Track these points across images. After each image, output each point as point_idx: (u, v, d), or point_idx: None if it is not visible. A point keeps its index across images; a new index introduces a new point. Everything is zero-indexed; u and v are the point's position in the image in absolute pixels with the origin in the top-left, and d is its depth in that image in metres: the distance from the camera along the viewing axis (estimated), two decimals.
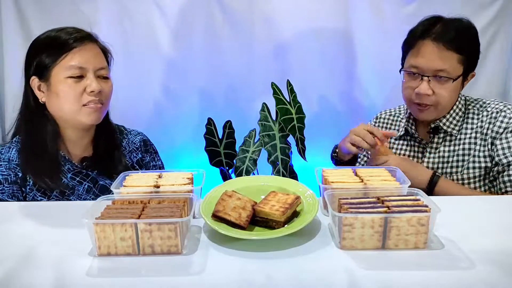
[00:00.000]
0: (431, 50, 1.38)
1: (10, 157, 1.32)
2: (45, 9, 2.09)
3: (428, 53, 1.38)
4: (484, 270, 0.83)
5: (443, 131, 1.49)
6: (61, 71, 1.27)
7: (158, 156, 1.55)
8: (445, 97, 1.41)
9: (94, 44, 1.33)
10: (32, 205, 1.23)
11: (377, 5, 2.10)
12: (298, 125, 1.94)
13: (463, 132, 1.47)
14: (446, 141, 1.49)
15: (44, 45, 1.30)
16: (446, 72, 1.38)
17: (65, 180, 1.34)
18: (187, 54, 2.17)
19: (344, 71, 2.21)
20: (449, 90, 1.41)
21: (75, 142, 1.38)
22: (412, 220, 0.89)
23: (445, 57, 1.37)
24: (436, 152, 1.50)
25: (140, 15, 2.12)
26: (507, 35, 2.14)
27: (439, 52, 1.37)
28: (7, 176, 1.30)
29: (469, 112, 1.49)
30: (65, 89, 1.27)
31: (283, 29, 2.14)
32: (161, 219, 0.88)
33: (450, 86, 1.40)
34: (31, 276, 0.84)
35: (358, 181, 1.06)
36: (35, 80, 1.30)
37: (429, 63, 1.38)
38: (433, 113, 1.45)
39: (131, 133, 1.51)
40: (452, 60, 1.38)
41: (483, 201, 1.24)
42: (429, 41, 1.39)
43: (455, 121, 1.48)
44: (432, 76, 1.39)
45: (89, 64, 1.29)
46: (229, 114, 2.14)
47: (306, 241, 0.94)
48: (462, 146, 1.46)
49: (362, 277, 0.82)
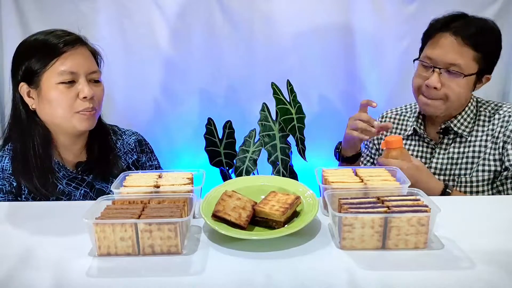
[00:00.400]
0: (448, 42, 1.37)
1: (3, 167, 1.30)
2: (45, 9, 2.09)
3: (445, 45, 1.37)
4: (484, 270, 0.83)
5: (454, 132, 1.47)
6: (52, 76, 1.23)
7: (154, 155, 1.53)
8: (454, 91, 1.39)
9: (84, 47, 1.30)
10: (32, 205, 1.22)
11: (377, 5, 2.10)
12: (298, 125, 1.94)
13: (474, 135, 1.46)
14: (456, 142, 1.47)
15: (33, 49, 1.26)
16: (458, 67, 1.36)
17: (60, 186, 1.32)
18: (187, 54, 2.17)
19: (344, 71, 2.21)
20: (459, 86, 1.38)
21: (68, 147, 1.35)
22: (412, 220, 0.88)
23: (461, 51, 1.36)
24: (445, 153, 1.48)
25: (140, 15, 2.12)
26: (507, 35, 2.13)
27: (455, 46, 1.36)
28: (2, 186, 1.28)
29: (480, 114, 1.47)
30: (57, 96, 1.24)
31: (283, 29, 2.14)
32: (161, 219, 0.88)
33: (461, 82, 1.38)
34: (31, 276, 0.84)
35: (358, 181, 1.06)
36: (24, 86, 1.26)
37: (443, 56, 1.37)
38: (440, 108, 1.43)
39: (125, 133, 1.49)
40: (467, 55, 1.36)
41: (483, 201, 1.24)
42: (448, 34, 1.38)
43: (466, 122, 1.46)
44: (444, 69, 1.37)
45: (81, 68, 1.26)
46: (229, 114, 2.13)
47: (306, 241, 0.94)
48: (473, 148, 1.45)
49: (362, 277, 0.82)
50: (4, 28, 2.10)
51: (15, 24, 2.10)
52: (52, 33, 1.27)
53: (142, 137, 1.51)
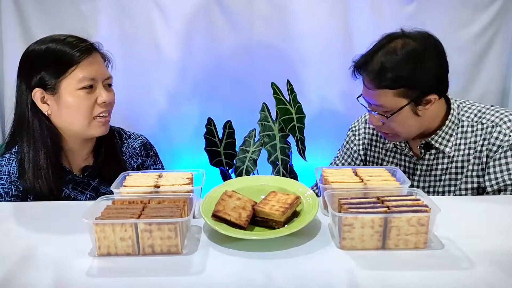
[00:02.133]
0: (365, 86, 1.32)
1: (10, 170, 1.29)
2: (45, 9, 2.09)
3: (364, 89, 1.33)
4: (484, 270, 0.83)
5: (435, 148, 1.38)
6: (71, 83, 1.23)
7: (159, 159, 1.52)
8: (397, 127, 1.32)
9: (98, 53, 1.30)
10: (32, 205, 1.23)
11: (376, 5, 2.10)
12: (298, 125, 1.95)
13: (457, 149, 1.36)
14: (439, 158, 1.38)
15: (48, 59, 1.25)
16: (382, 107, 1.29)
17: (66, 191, 1.32)
18: (187, 54, 2.17)
19: (344, 71, 2.20)
20: (397, 121, 1.30)
21: (76, 152, 1.35)
22: (412, 220, 0.88)
23: (377, 93, 1.28)
24: (428, 170, 1.40)
25: (140, 15, 2.12)
26: (506, 36, 2.14)
27: (370, 89, 1.29)
28: (8, 190, 1.28)
29: (463, 125, 1.35)
30: (77, 101, 1.24)
31: (283, 29, 2.14)
32: (161, 219, 0.88)
33: (395, 118, 1.29)
34: (31, 276, 0.84)
35: (358, 181, 1.06)
36: (39, 92, 1.25)
37: (368, 100, 1.33)
38: (399, 138, 1.37)
39: (130, 136, 1.48)
40: (385, 95, 1.27)
41: (483, 201, 1.24)
42: (365, 75, 1.31)
43: (447, 136, 1.35)
44: (374, 110, 1.33)
45: (98, 75, 1.27)
46: (229, 114, 2.14)
47: (306, 241, 0.94)
48: (455, 164, 1.36)
49: (362, 277, 0.82)
50: (4, 29, 2.11)
51: (15, 24, 2.10)
52: (64, 41, 1.26)
53: (147, 141, 1.51)
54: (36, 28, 2.10)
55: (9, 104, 2.16)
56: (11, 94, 2.13)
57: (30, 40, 2.10)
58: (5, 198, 1.27)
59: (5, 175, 1.29)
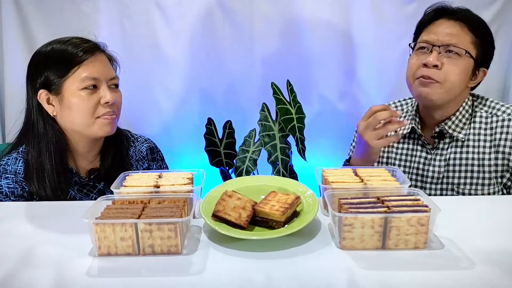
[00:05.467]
0: (447, 25, 1.34)
1: (16, 170, 1.29)
2: (45, 9, 2.09)
3: (444, 27, 1.34)
4: (484, 270, 0.83)
5: (449, 136, 1.41)
6: (74, 83, 1.24)
7: (165, 163, 1.52)
8: (454, 72, 1.32)
9: (102, 54, 1.31)
10: (32, 205, 1.22)
11: (377, 5, 2.10)
12: (298, 125, 1.94)
13: (471, 138, 1.39)
14: (453, 147, 1.41)
15: (52, 59, 1.26)
16: (457, 46, 1.32)
17: (72, 193, 1.32)
18: (187, 54, 2.17)
19: (344, 71, 2.21)
20: (458, 67, 1.32)
21: (83, 154, 1.35)
22: (412, 220, 0.89)
23: (460, 33, 1.33)
24: (441, 160, 1.42)
25: (140, 15, 2.12)
26: (507, 35, 2.14)
27: (454, 27, 1.33)
28: (14, 190, 1.28)
29: (476, 116, 1.41)
30: (79, 102, 1.24)
31: (283, 29, 2.14)
32: (161, 219, 0.88)
33: (460, 63, 1.32)
34: (31, 276, 0.84)
35: (358, 181, 1.06)
36: (44, 93, 1.26)
37: (442, 36, 1.33)
38: (437, 92, 1.34)
39: (137, 140, 1.48)
40: (466, 37, 1.33)
41: (483, 201, 1.24)
42: (446, 19, 1.35)
43: (461, 123, 1.40)
44: (443, 46, 1.33)
45: (101, 75, 1.27)
46: (229, 114, 2.14)
47: (306, 241, 0.94)
48: (472, 155, 1.39)
49: (362, 277, 0.82)
50: (4, 28, 2.10)
51: (15, 24, 2.10)
52: (68, 42, 1.27)
53: (154, 145, 1.51)
54: (36, 28, 2.10)
55: (9, 104, 2.15)
56: (11, 94, 2.15)
57: (30, 40, 2.12)
58: (10, 197, 1.27)
59: (12, 174, 1.29)
